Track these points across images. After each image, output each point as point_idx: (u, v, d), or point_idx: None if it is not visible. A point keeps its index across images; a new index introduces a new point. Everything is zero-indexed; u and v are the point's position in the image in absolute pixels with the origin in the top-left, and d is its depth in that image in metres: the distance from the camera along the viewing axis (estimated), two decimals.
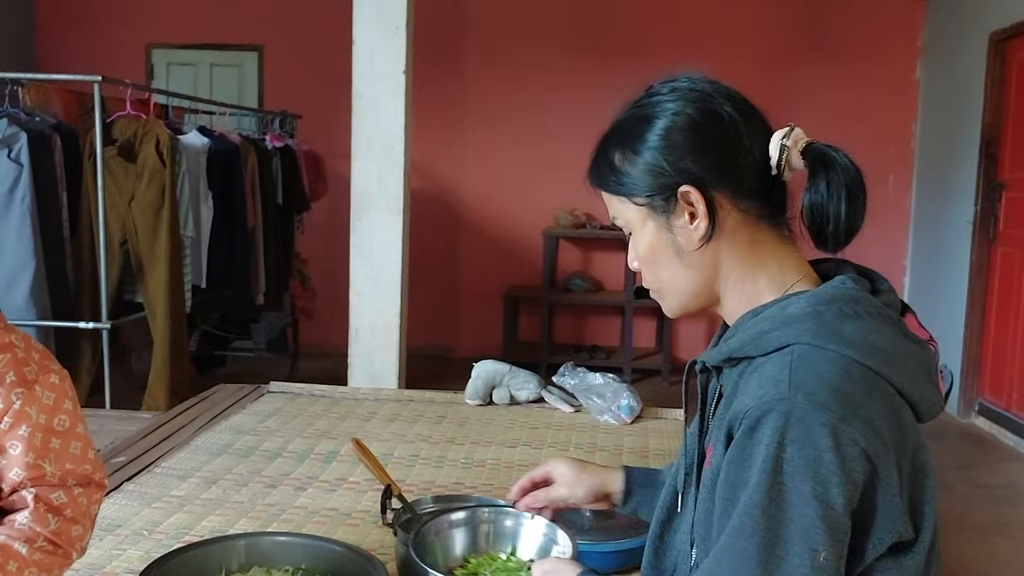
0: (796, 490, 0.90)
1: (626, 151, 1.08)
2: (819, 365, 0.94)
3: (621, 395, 2.64)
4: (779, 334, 0.97)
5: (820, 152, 1.03)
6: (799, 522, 0.90)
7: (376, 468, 1.93)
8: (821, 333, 0.95)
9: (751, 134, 1.04)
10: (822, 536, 0.89)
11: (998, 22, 5.07)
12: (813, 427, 0.90)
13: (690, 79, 1.10)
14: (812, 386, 0.92)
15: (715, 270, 1.06)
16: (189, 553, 1.40)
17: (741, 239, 1.05)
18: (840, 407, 0.91)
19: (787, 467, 0.90)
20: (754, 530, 0.91)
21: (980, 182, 5.23)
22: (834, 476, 0.89)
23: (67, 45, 6.69)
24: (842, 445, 0.90)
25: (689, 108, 1.06)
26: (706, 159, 1.03)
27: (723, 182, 1.03)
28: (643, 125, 1.07)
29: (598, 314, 6.66)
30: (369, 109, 3.82)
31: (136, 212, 4.11)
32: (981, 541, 3.54)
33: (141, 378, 4.36)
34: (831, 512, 0.89)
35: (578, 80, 6.43)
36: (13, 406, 1.18)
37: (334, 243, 5.54)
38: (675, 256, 1.06)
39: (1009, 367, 4.94)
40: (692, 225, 1.04)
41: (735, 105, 1.06)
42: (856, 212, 1.01)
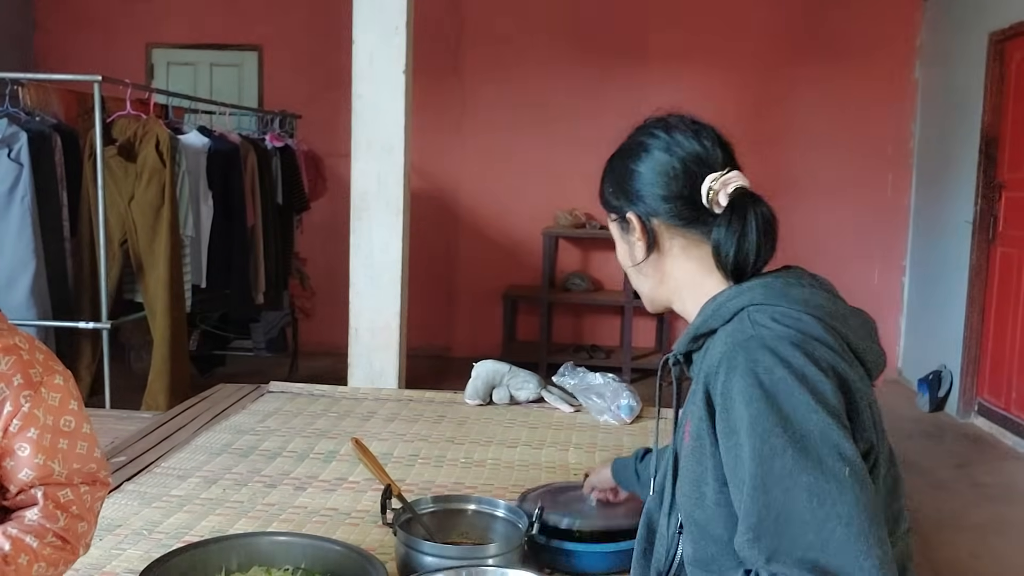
0: (797, 403, 1.00)
1: (610, 179, 1.32)
2: (773, 313, 1.09)
3: (621, 395, 2.65)
4: (734, 302, 1.13)
5: (737, 200, 1.18)
6: (816, 429, 0.98)
7: (376, 468, 1.94)
8: (770, 296, 1.12)
9: (692, 177, 1.21)
10: (839, 433, 0.99)
11: (997, 22, 5.07)
12: (784, 348, 1.04)
13: (673, 124, 1.28)
14: (771, 324, 1.07)
15: (662, 276, 1.27)
16: (189, 553, 1.40)
17: (684, 255, 1.24)
18: (799, 336, 1.06)
19: (779, 386, 1.01)
20: (783, 448, 0.98)
21: (979, 182, 5.23)
22: (822, 382, 1.02)
23: (67, 45, 6.69)
24: (817, 360, 1.03)
25: (650, 154, 1.25)
26: (650, 195, 1.24)
27: (660, 213, 1.23)
28: (621, 160, 1.30)
29: (597, 314, 6.66)
30: (369, 109, 3.82)
31: (136, 212, 4.11)
32: (980, 540, 3.55)
33: (141, 378, 4.36)
34: (834, 412, 1.00)
35: (577, 80, 6.43)
36: (22, 408, 1.19)
37: (334, 243, 5.54)
38: (632, 264, 1.30)
39: (1008, 367, 4.94)
40: (638, 243, 1.27)
41: (690, 155, 1.23)
42: (748, 255, 1.16)
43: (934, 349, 5.72)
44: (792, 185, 6.33)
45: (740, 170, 1.21)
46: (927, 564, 3.29)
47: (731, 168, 1.21)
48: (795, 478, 0.96)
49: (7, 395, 1.19)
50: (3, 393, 1.19)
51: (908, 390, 5.94)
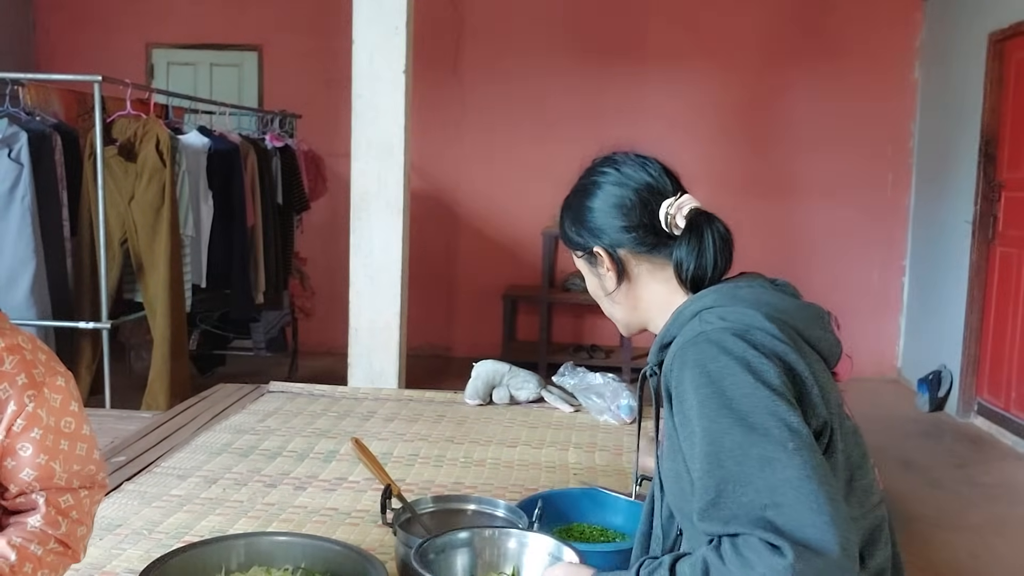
0: (740, 385, 1.07)
1: (567, 218, 1.40)
2: (721, 312, 1.18)
3: (620, 395, 2.65)
4: (690, 308, 1.22)
5: (693, 220, 1.28)
6: (759, 406, 1.05)
7: (376, 468, 1.94)
8: (720, 299, 1.20)
9: (648, 208, 1.30)
10: (784, 407, 1.05)
11: (996, 22, 5.08)
12: (726, 338, 1.12)
13: (614, 162, 1.36)
14: (716, 321, 1.16)
15: (635, 302, 1.35)
16: (189, 553, 1.40)
17: (652, 279, 1.32)
18: (743, 327, 1.14)
19: (723, 372, 1.08)
20: (731, 426, 1.04)
21: (979, 182, 5.23)
22: (763, 364, 1.09)
23: (67, 45, 6.69)
24: (758, 346, 1.11)
25: (604, 190, 1.34)
26: (611, 227, 1.32)
27: (624, 243, 1.32)
28: (577, 199, 1.38)
29: (597, 314, 6.60)
30: (369, 109, 3.83)
31: (136, 211, 4.11)
32: (979, 540, 3.55)
33: (141, 377, 4.36)
34: (777, 390, 1.06)
35: (577, 80, 6.43)
36: (26, 408, 1.19)
37: (334, 243, 5.55)
38: (604, 295, 1.38)
39: (1008, 367, 4.94)
40: (608, 274, 1.34)
41: (643, 189, 1.32)
42: (706, 268, 1.26)
43: (934, 349, 5.72)
44: (792, 185, 6.33)
45: (688, 193, 1.31)
46: (927, 564, 3.29)
47: (681, 192, 1.31)
48: (745, 450, 1.02)
49: (11, 394, 1.19)
50: (7, 392, 1.18)
51: (908, 390, 5.94)
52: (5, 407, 1.19)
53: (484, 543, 1.39)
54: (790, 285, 1.31)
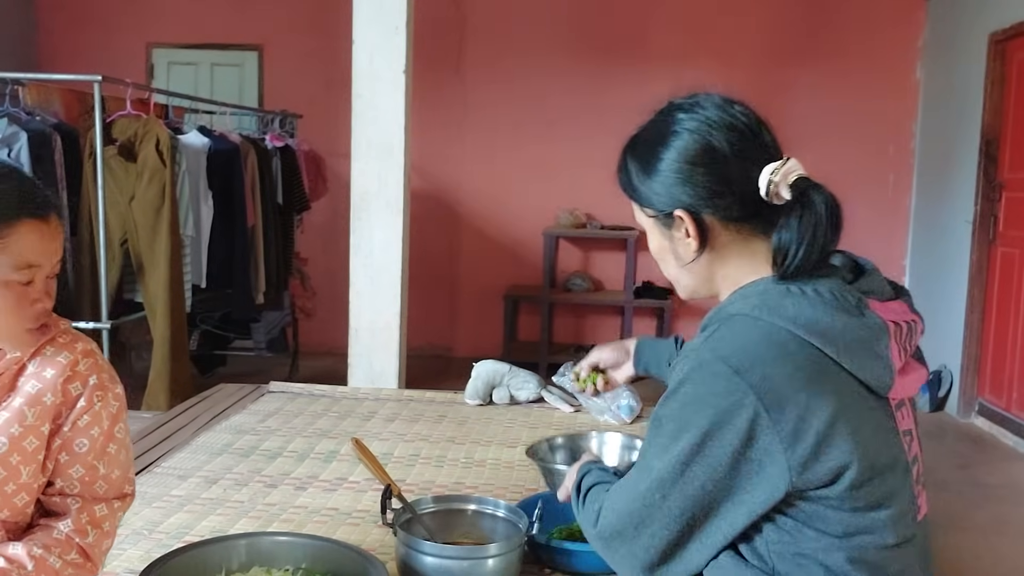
0: (688, 416, 1.08)
1: (640, 169, 1.21)
2: (741, 330, 1.09)
3: (621, 395, 2.64)
4: (732, 307, 1.14)
5: (803, 191, 1.12)
6: (684, 442, 1.08)
7: (376, 468, 1.93)
8: (761, 307, 1.10)
9: (745, 166, 1.13)
10: (695, 457, 1.07)
11: (998, 23, 5.07)
12: (709, 372, 1.07)
13: (704, 104, 1.17)
14: (721, 343, 1.09)
15: (710, 274, 1.21)
16: (189, 553, 1.40)
17: (734, 251, 1.18)
18: (740, 362, 1.06)
19: (685, 399, 1.09)
20: (656, 434, 1.13)
21: (980, 182, 5.23)
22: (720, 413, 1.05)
23: (67, 45, 6.69)
24: (733, 392, 1.05)
25: (692, 141, 1.15)
26: (698, 190, 1.15)
27: (712, 208, 1.15)
28: (655, 148, 1.18)
29: (598, 314, 6.66)
30: (369, 109, 3.82)
31: (136, 211, 4.11)
32: (981, 541, 3.54)
33: (141, 378, 4.36)
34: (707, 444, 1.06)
35: (578, 80, 6.43)
36: (94, 407, 1.27)
37: (334, 243, 5.54)
38: (676, 262, 1.22)
39: (1009, 367, 4.94)
40: (687, 240, 1.18)
41: (736, 137, 1.15)
42: (815, 250, 1.12)
43: (934, 349, 5.72)
44: None
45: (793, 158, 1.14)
46: None
47: (787, 157, 1.14)
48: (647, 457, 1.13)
49: (82, 392, 1.25)
50: (78, 390, 1.25)
51: None
52: (76, 402, 1.25)
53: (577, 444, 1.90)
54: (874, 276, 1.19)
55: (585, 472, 1.35)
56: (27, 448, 1.21)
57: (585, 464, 1.39)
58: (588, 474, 1.34)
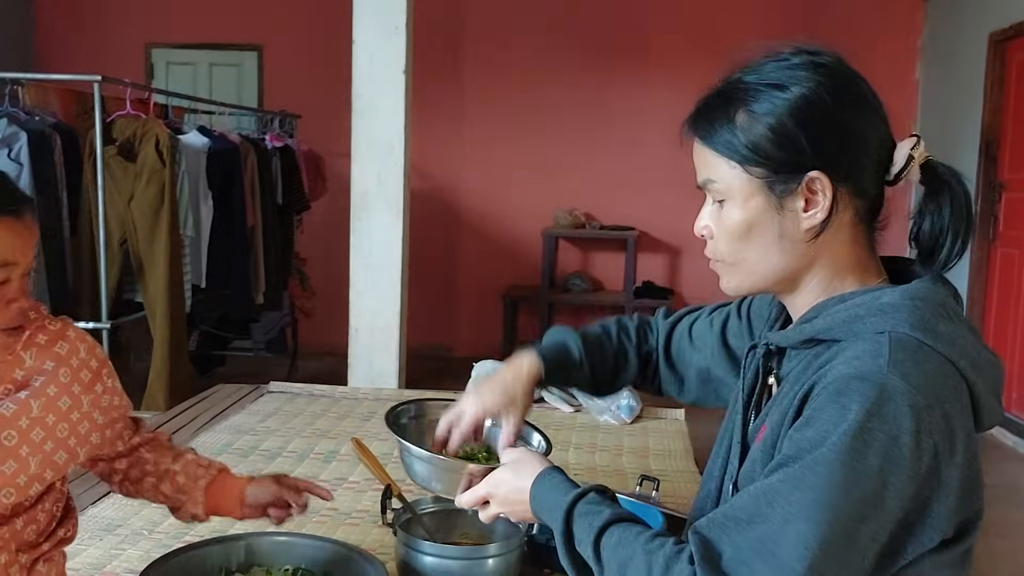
0: (867, 462, 0.88)
1: (759, 115, 0.98)
2: (915, 353, 0.92)
3: (621, 395, 2.65)
4: (875, 320, 0.95)
5: (942, 173, 1.00)
6: (856, 493, 0.88)
7: (376, 468, 1.93)
8: (919, 326, 0.94)
9: (883, 133, 1.00)
10: (871, 512, 0.88)
11: (997, 22, 5.07)
12: (901, 407, 0.89)
13: (824, 53, 1.01)
14: (908, 368, 0.91)
15: (810, 262, 1.02)
16: (189, 553, 1.40)
17: (844, 236, 1.01)
18: (929, 396, 0.90)
19: (867, 437, 0.88)
20: (815, 485, 0.88)
21: (980, 182, 5.23)
22: (904, 461, 0.89)
23: (67, 45, 6.69)
24: (920, 433, 0.89)
25: (831, 83, 0.97)
26: (844, 147, 0.97)
27: (851, 178, 0.98)
28: (775, 91, 0.98)
29: (597, 314, 6.65)
30: (369, 109, 3.82)
31: (136, 212, 4.11)
32: (981, 541, 3.52)
33: (141, 378, 4.36)
34: (886, 492, 0.88)
35: (577, 80, 6.43)
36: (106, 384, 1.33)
37: (334, 243, 5.54)
38: (775, 239, 1.00)
39: (1009, 367, 4.94)
40: (807, 213, 0.98)
41: (875, 97, 1.01)
42: (968, 238, 1.00)
43: None
44: None
45: None
46: None
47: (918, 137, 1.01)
48: (796, 520, 0.88)
49: (94, 377, 1.29)
50: (88, 376, 1.28)
51: None
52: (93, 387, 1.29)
53: None
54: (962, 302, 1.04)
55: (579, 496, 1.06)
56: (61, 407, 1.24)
57: (556, 476, 1.11)
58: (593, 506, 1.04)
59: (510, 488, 1.12)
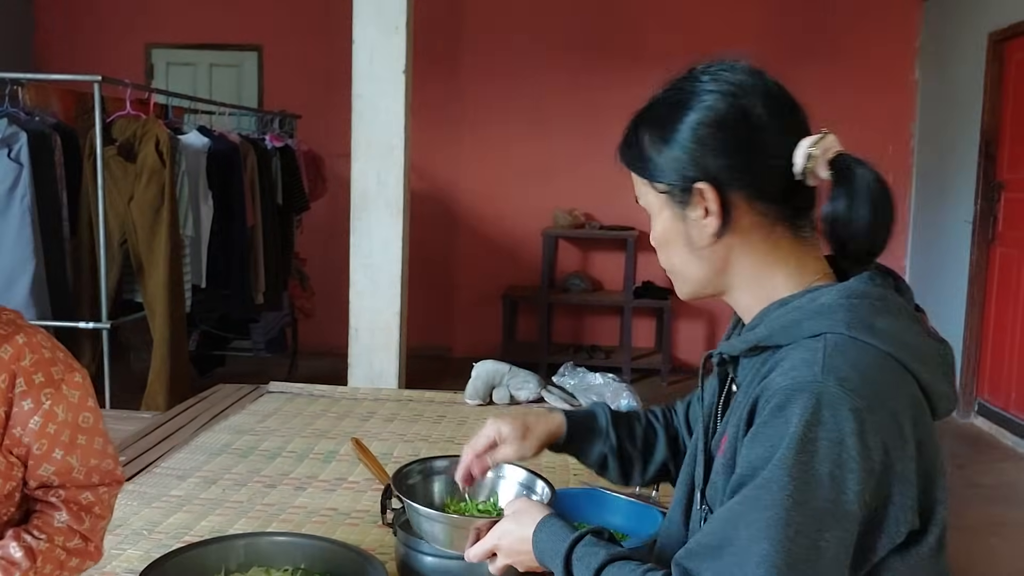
0: (816, 471, 0.90)
1: (655, 136, 1.07)
2: (853, 354, 0.94)
3: (620, 395, 2.65)
4: (812, 323, 0.97)
5: (846, 166, 1.00)
6: (812, 503, 0.90)
7: (376, 468, 1.94)
8: (855, 324, 0.96)
9: (780, 137, 1.02)
10: (831, 520, 0.90)
11: (996, 22, 5.08)
12: (841, 411, 0.90)
13: (732, 70, 1.06)
14: (845, 372, 0.92)
15: (725, 264, 1.07)
16: (189, 553, 1.40)
17: (756, 238, 1.05)
18: (868, 396, 0.92)
19: (811, 447, 0.90)
20: (770, 504, 0.90)
21: (979, 182, 5.23)
22: (853, 463, 0.90)
23: (65, 45, 6.69)
24: (866, 433, 0.91)
25: (722, 104, 1.03)
26: (728, 160, 1.02)
27: (741, 184, 1.02)
28: (676, 112, 1.05)
29: (597, 314, 6.67)
30: (369, 109, 3.82)
31: (136, 212, 4.11)
32: (979, 541, 3.54)
33: (141, 378, 4.36)
34: (844, 498, 0.90)
35: (576, 81, 6.43)
36: (43, 406, 1.21)
37: (333, 243, 5.54)
38: (686, 246, 1.07)
39: (1008, 367, 4.94)
40: (705, 220, 1.04)
41: (771, 104, 1.04)
42: (881, 230, 1.01)
43: None
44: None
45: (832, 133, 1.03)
46: None
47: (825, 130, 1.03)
48: (759, 541, 0.89)
49: (27, 391, 1.20)
50: (21, 387, 1.20)
51: None
52: (21, 404, 1.20)
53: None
54: (910, 290, 1.07)
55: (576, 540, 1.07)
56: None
57: (556, 523, 1.12)
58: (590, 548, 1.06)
59: (514, 539, 1.14)
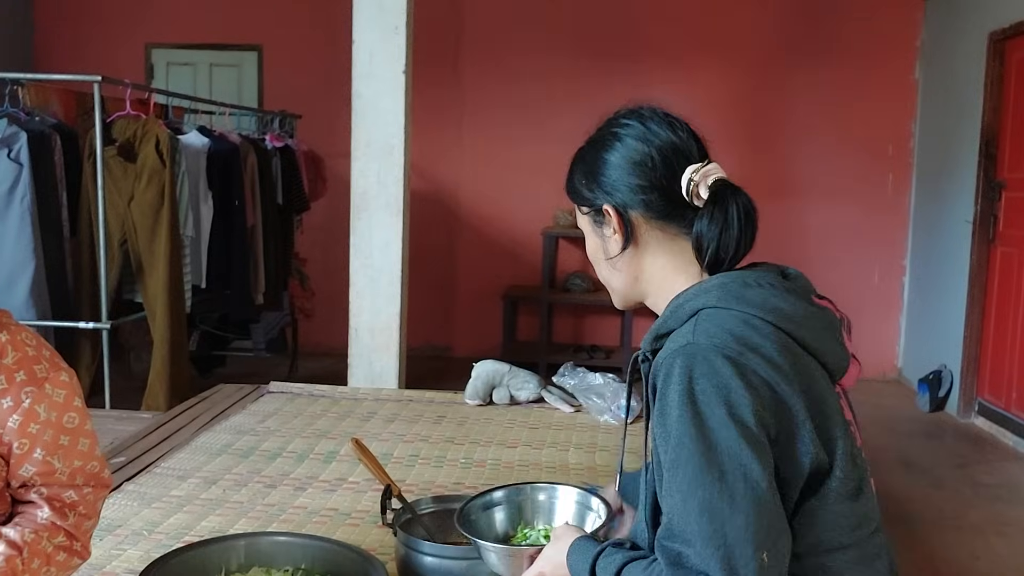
0: (713, 416, 1.02)
1: (580, 170, 1.30)
2: (720, 319, 1.10)
3: (621, 395, 2.65)
4: (691, 303, 1.14)
5: (718, 191, 1.18)
6: (723, 444, 1.01)
7: (376, 468, 1.93)
8: (725, 298, 1.12)
9: (670, 170, 1.20)
10: (747, 451, 1.01)
11: (997, 22, 5.07)
12: (715, 360, 1.05)
13: (639, 115, 1.26)
14: (712, 332, 1.08)
15: (638, 272, 1.26)
16: (189, 553, 1.40)
17: (661, 250, 1.23)
18: (738, 346, 1.06)
19: (700, 397, 1.04)
20: (687, 459, 1.02)
21: (979, 182, 5.23)
22: (742, 398, 1.03)
23: (67, 45, 6.69)
24: (745, 374, 1.04)
25: (625, 144, 1.24)
26: (628, 188, 1.23)
27: (637, 205, 1.22)
28: (595, 150, 1.28)
29: (597, 314, 6.66)
30: (369, 109, 3.82)
31: (136, 212, 4.11)
32: (979, 540, 3.54)
33: (141, 378, 4.36)
34: (747, 431, 1.02)
35: (576, 80, 6.43)
36: (23, 404, 1.19)
37: (334, 243, 5.54)
38: (606, 260, 1.27)
39: (1008, 367, 4.94)
40: (613, 236, 1.25)
41: (669, 145, 1.22)
42: (728, 247, 1.18)
43: (934, 349, 5.72)
44: (793, 185, 6.32)
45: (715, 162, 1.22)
46: (927, 564, 3.29)
47: (708, 160, 1.22)
48: (693, 491, 1.00)
49: (7, 389, 1.18)
50: (1, 385, 1.18)
51: (908, 390, 5.94)
52: (0, 400, 1.18)
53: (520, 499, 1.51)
54: (803, 277, 1.24)
55: (598, 554, 1.16)
56: None
57: (583, 542, 1.21)
58: (609, 558, 1.15)
59: (555, 563, 1.24)
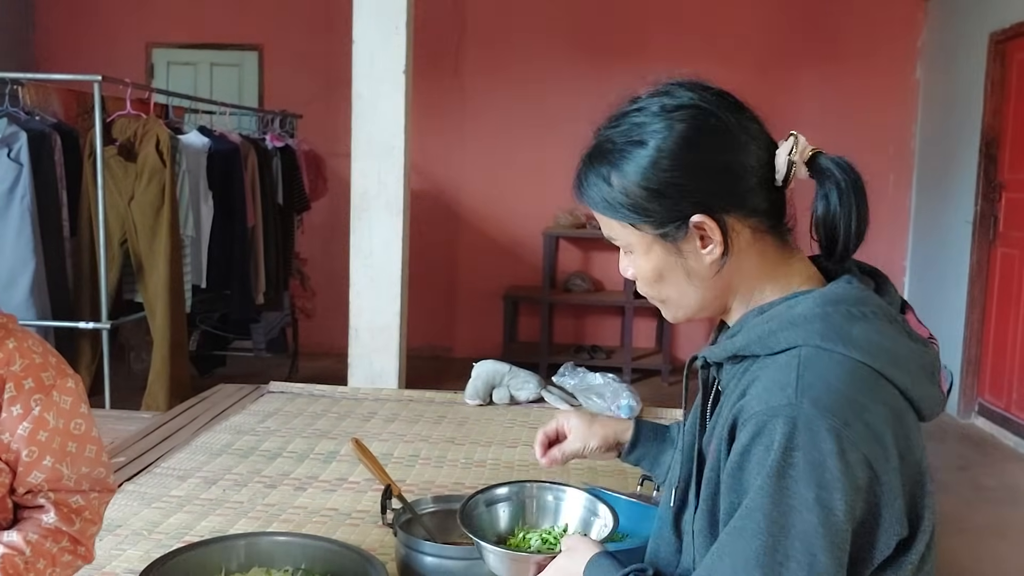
0: (799, 495, 0.89)
1: (624, 173, 1.03)
2: (826, 369, 0.94)
3: (621, 395, 2.65)
4: (787, 335, 0.97)
5: (827, 164, 1.02)
6: (800, 527, 0.89)
7: (376, 468, 1.93)
8: (829, 335, 0.95)
9: (752, 148, 1.02)
10: (822, 542, 0.89)
11: (998, 23, 5.07)
12: (818, 432, 0.90)
13: (678, 90, 1.06)
14: (818, 391, 0.92)
15: (726, 287, 1.06)
16: (189, 553, 1.40)
17: (749, 254, 1.04)
18: (844, 412, 0.91)
19: (792, 472, 0.90)
20: (755, 532, 0.90)
21: (980, 182, 5.23)
22: (837, 482, 0.89)
23: (67, 45, 6.69)
24: (846, 451, 0.90)
25: (686, 127, 1.02)
26: (712, 184, 1.01)
27: (732, 204, 1.01)
28: (636, 149, 1.02)
29: (598, 314, 6.66)
30: (369, 109, 3.82)
31: (136, 212, 4.11)
32: (980, 542, 3.54)
33: (141, 378, 4.36)
34: (832, 518, 0.89)
35: (577, 80, 6.43)
36: (32, 412, 1.20)
37: (334, 243, 5.54)
38: (685, 279, 1.05)
39: (1009, 367, 4.94)
40: (705, 250, 1.02)
41: (729, 117, 1.03)
42: (863, 221, 1.02)
43: None
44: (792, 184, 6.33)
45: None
46: None
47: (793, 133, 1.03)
48: (748, 570, 0.90)
49: (16, 397, 1.19)
50: (11, 393, 1.19)
51: None
52: (11, 410, 1.19)
53: (526, 498, 1.43)
54: (893, 288, 1.06)
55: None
56: None
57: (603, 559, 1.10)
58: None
59: (567, 574, 1.14)
